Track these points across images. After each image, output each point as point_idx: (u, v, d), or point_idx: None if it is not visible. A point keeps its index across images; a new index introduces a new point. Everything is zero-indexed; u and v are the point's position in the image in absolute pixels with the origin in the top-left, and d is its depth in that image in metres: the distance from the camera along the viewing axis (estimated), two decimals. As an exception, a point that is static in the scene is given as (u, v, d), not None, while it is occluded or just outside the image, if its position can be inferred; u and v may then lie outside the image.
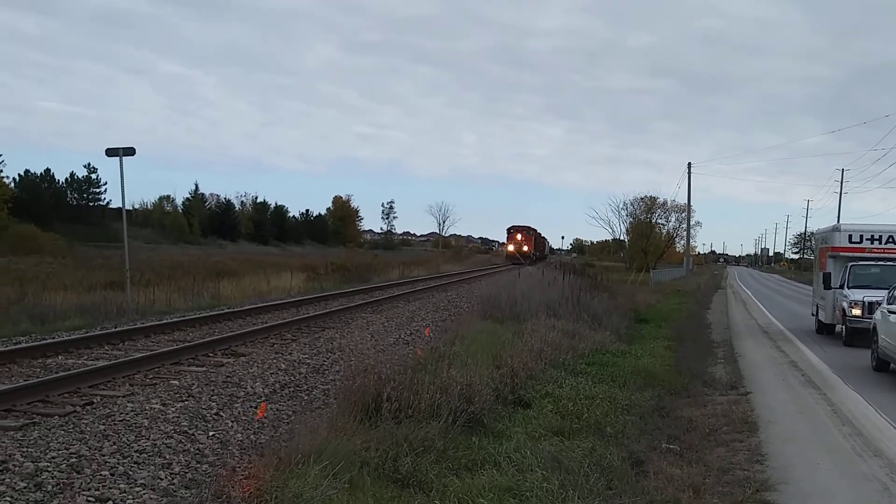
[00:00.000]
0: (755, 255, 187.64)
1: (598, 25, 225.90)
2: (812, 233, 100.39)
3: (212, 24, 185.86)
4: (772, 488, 6.53)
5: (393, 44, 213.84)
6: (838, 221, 35.34)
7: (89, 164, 72.96)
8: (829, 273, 19.33)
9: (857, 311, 17.09)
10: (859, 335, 16.68)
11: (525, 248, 68.08)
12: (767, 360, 15.15)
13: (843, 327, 17.93)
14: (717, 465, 7.25)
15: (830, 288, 18.94)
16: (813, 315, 22.14)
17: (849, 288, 18.01)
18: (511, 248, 69.44)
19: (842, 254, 19.63)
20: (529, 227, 73.62)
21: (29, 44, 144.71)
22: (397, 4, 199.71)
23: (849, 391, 11.52)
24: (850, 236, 19.69)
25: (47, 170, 68.61)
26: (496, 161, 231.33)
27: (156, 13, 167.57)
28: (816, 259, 24.45)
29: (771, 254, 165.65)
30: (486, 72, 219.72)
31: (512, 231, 72.00)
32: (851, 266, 18.79)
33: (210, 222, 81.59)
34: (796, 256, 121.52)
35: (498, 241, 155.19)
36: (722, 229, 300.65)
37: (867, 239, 19.53)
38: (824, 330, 20.16)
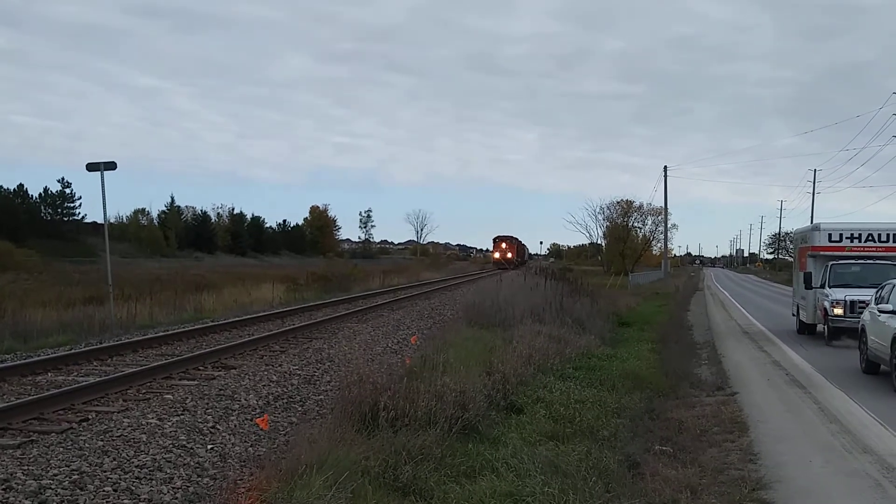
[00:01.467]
0: (730, 256, 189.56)
1: (570, 31, 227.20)
2: (790, 233, 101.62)
3: (184, 35, 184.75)
4: (767, 486, 6.67)
5: (366, 53, 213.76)
6: (812, 221, 35.82)
7: (63, 179, 72.59)
8: (810, 272, 19.24)
9: (838, 311, 17.04)
10: (841, 334, 16.81)
11: (509, 255, 76.82)
12: (751, 361, 15.38)
13: (825, 327, 17.81)
14: (711, 465, 7.38)
15: (811, 287, 18.89)
16: (793, 315, 22.14)
17: (830, 287, 17.93)
18: (497, 255, 78.33)
19: (822, 253, 19.54)
20: (512, 237, 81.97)
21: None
22: (368, 14, 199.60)
23: (834, 389, 11.74)
24: (830, 235, 19.59)
25: (20, 185, 68.01)
26: (473, 168, 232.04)
27: (128, 26, 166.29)
28: (796, 259, 24.32)
29: (746, 254, 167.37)
30: (460, 79, 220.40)
31: (497, 240, 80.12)
32: (832, 265, 18.68)
33: (186, 235, 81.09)
34: (771, 257, 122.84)
35: (476, 248, 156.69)
36: (697, 231, 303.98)
37: (847, 238, 19.43)
38: (805, 330, 20.14)
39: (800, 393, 11.55)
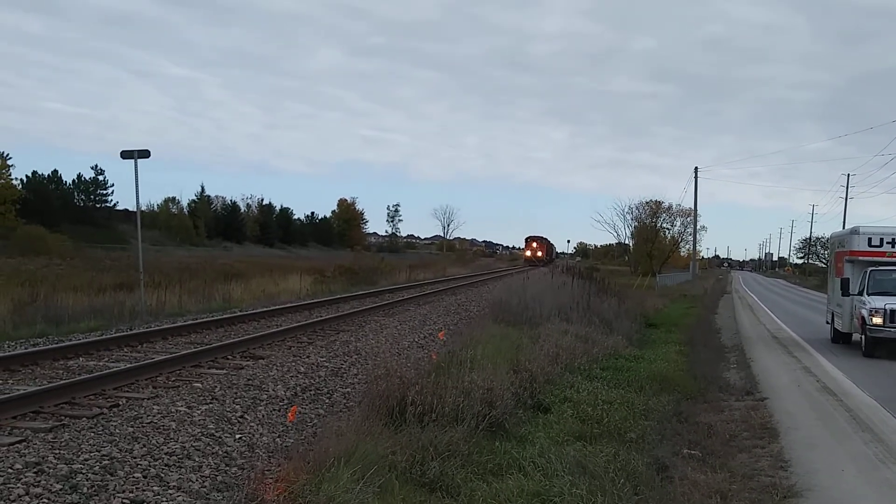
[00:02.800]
0: (759, 259, 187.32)
1: (600, 29, 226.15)
2: (821, 237, 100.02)
3: (217, 27, 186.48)
4: (798, 495, 6.58)
5: (396, 48, 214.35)
6: (844, 226, 35.08)
7: (96, 166, 73.67)
8: (847, 278, 18.16)
9: (878, 320, 16.13)
10: (881, 345, 16.13)
11: (539, 254, 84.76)
12: (781, 366, 15.19)
13: (862, 337, 16.98)
14: (741, 471, 7.29)
15: (848, 294, 17.90)
16: (828, 323, 21.25)
17: (869, 295, 17.06)
18: (528, 253, 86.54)
19: (861, 258, 18.58)
20: (542, 237, 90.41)
21: (34, 44, 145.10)
22: (400, 9, 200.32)
23: (865, 398, 11.54)
24: (870, 239, 18.51)
25: (55, 171, 68.97)
26: (499, 164, 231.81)
27: (162, 15, 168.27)
28: (831, 264, 23.19)
29: (775, 258, 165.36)
30: (489, 75, 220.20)
31: (529, 240, 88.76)
32: (871, 271, 17.79)
33: (216, 224, 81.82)
34: (801, 261, 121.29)
35: (502, 245, 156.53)
36: (726, 234, 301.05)
37: (888, 242, 18.41)
38: (840, 339, 19.33)
39: (831, 400, 11.38)
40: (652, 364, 13.58)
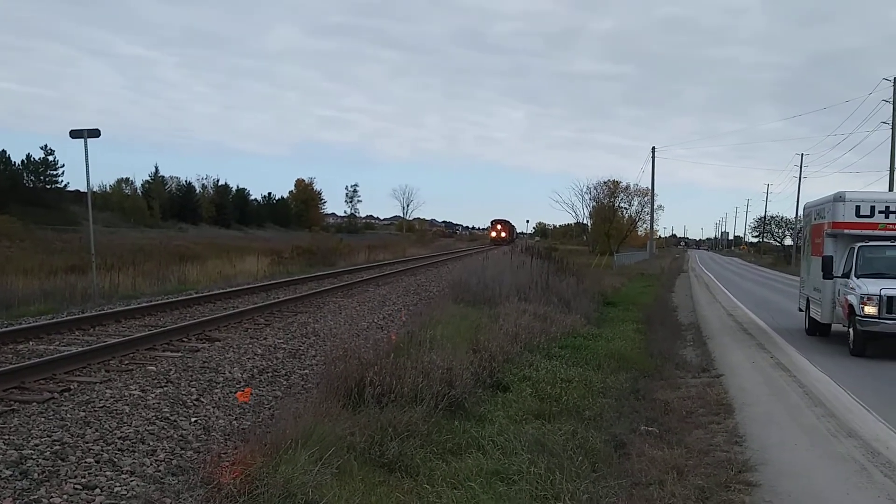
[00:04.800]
0: (715, 238, 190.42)
1: (560, 9, 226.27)
2: (777, 216, 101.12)
3: (172, 5, 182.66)
4: (753, 469, 6.68)
5: (356, 27, 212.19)
6: (799, 205, 34.53)
7: (46, 146, 71.44)
8: (830, 257, 14.97)
9: (871, 309, 13.15)
10: (874, 341, 13.48)
11: (503, 235, 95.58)
12: (736, 343, 15.41)
13: (850, 330, 13.96)
14: (697, 446, 7.38)
15: (831, 277, 14.86)
16: (801, 310, 18.15)
17: (858, 277, 14.05)
18: (493, 234, 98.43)
19: (847, 231, 15.26)
20: (505, 220, 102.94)
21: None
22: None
23: (819, 373, 11.76)
24: (858, 208, 15.15)
25: (2, 151, 66.96)
26: (460, 145, 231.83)
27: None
28: (806, 240, 19.18)
29: (731, 237, 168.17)
30: (450, 55, 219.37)
31: (494, 223, 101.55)
32: (860, 248, 14.65)
33: (170, 205, 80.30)
34: (756, 240, 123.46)
35: (462, 225, 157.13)
36: (683, 213, 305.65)
37: (880, 212, 15.07)
38: (817, 331, 16.46)
39: (785, 376, 11.58)
40: (610, 342, 13.69)
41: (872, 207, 15.15)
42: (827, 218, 15.96)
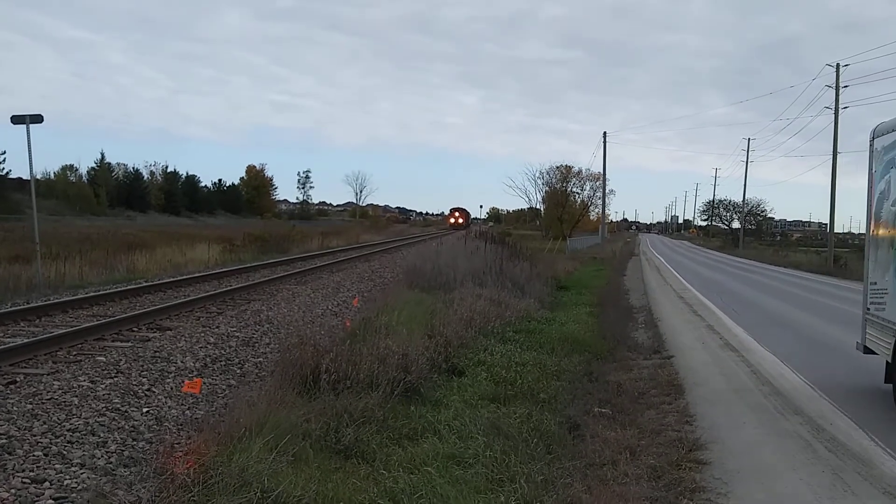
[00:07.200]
0: (666, 222, 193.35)
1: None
2: (725, 200, 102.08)
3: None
4: (703, 447, 6.81)
5: (306, 11, 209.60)
6: (745, 190, 34.12)
7: (-14, 133, 69.36)
8: None
9: None
10: None
11: (461, 221, 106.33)
12: (686, 325, 15.68)
13: None
14: (649, 427, 7.50)
15: None
16: (866, 350, 9.39)
17: None
18: (451, 220, 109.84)
19: None
20: (462, 208, 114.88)
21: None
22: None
23: (766, 353, 12.02)
24: None
25: (-60, 138, 64.87)
26: (413, 130, 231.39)
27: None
28: (872, 214, 9.41)
29: (681, 221, 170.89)
30: (402, 40, 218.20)
31: (452, 210, 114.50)
32: None
33: (118, 193, 78.64)
34: (705, 223, 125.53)
35: (416, 211, 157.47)
36: (634, 197, 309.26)
37: None
38: None
39: (734, 357, 11.82)
40: (563, 326, 13.82)
41: None
42: None
